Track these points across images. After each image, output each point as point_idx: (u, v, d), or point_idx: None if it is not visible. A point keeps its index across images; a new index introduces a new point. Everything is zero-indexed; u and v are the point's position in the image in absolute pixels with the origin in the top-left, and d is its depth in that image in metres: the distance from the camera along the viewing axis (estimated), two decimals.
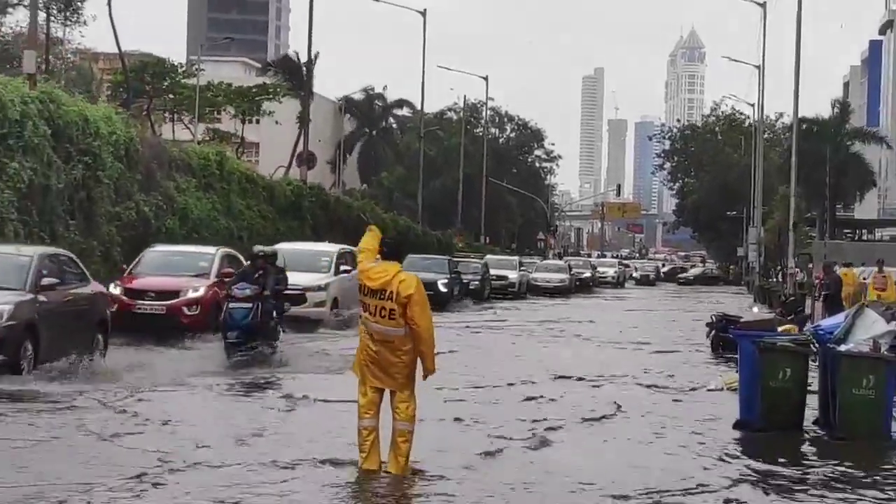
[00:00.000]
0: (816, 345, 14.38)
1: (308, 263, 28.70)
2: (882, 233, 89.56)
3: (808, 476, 11.40)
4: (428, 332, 10.33)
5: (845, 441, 13.09)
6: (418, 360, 10.44)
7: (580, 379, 19.15)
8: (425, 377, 10.49)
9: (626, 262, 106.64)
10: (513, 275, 53.42)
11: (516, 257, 62.39)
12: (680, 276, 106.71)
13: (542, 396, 16.58)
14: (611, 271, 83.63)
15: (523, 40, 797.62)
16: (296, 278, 24.93)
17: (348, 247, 30.22)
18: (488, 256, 57.20)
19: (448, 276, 40.93)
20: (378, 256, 10.61)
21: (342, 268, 29.15)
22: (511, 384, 18.01)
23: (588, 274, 70.78)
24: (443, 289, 38.97)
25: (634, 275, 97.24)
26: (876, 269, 34.61)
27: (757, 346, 13.98)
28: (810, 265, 44.87)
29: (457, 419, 13.92)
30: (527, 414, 14.72)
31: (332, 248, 31.29)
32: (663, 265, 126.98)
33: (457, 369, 18.81)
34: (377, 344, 10.37)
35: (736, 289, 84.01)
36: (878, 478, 11.45)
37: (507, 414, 14.72)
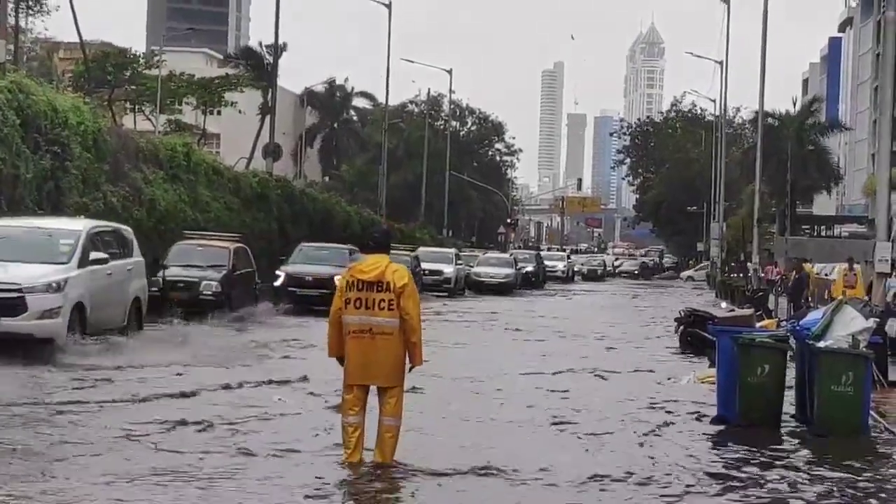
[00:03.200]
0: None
1: (34, 249, 18.84)
2: (841, 229, 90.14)
3: (786, 471, 11.44)
4: (419, 323, 10.38)
5: (824, 437, 13.17)
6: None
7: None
8: (410, 370, 10.49)
9: (570, 256, 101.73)
10: (448, 269, 48.80)
11: (452, 250, 56.76)
12: (621, 269, 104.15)
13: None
14: (560, 265, 77.22)
15: (483, 33, 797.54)
16: (10, 272, 17.75)
17: (107, 224, 22.06)
18: (420, 249, 50.85)
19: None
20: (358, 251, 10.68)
21: (93, 255, 19.33)
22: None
23: (531, 268, 62.79)
24: None
25: (582, 269, 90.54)
26: (846, 265, 34.40)
27: (735, 342, 14.05)
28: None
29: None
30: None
31: (76, 224, 20.31)
32: (616, 259, 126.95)
33: None
34: (373, 339, 10.24)
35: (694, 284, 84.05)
36: (857, 472, 11.51)
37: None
